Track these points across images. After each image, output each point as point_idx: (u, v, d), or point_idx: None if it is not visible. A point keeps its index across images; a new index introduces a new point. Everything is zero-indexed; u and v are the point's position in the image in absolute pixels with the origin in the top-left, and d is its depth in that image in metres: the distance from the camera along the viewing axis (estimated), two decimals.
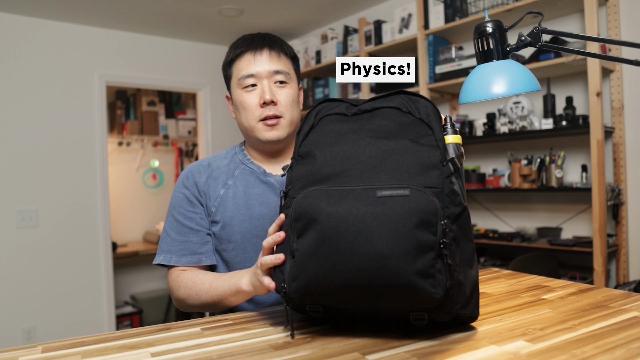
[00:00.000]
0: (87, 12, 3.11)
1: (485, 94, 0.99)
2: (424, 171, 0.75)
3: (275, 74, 1.08)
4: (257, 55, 1.08)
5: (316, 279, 0.70)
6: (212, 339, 0.78)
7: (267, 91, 1.06)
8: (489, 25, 1.00)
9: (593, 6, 1.97)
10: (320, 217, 0.70)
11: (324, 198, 0.72)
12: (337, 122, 0.83)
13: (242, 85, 1.08)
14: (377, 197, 0.69)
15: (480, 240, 2.40)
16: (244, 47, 1.09)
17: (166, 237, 1.13)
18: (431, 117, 0.80)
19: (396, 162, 0.75)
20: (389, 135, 0.79)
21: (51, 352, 0.74)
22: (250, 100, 1.07)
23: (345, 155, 0.78)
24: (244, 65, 1.08)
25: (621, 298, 0.93)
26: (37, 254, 3.12)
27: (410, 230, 0.67)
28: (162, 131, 4.60)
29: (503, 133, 2.30)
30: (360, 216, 0.68)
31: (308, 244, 0.70)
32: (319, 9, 3.23)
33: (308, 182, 0.79)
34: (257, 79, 1.07)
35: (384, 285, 0.67)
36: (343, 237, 0.68)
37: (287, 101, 1.08)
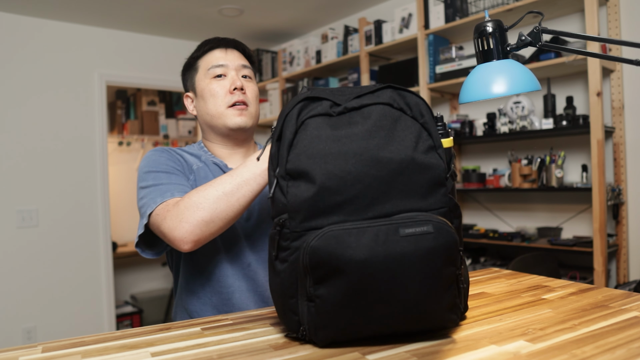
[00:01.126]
0: (87, 12, 3.11)
1: (485, 93, 0.99)
2: (432, 191, 0.71)
3: (242, 68, 1.14)
4: (229, 50, 1.15)
5: (348, 328, 0.67)
6: (212, 339, 0.78)
7: (238, 79, 1.11)
8: (489, 25, 1.00)
9: (593, 6, 1.97)
10: (348, 268, 0.63)
11: (346, 241, 0.64)
12: (327, 127, 0.71)
13: (212, 75, 1.12)
14: (401, 235, 0.64)
15: (480, 240, 2.40)
16: (213, 44, 1.16)
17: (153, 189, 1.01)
18: (425, 116, 0.73)
19: (405, 184, 0.69)
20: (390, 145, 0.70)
21: (51, 352, 0.74)
22: (220, 88, 1.11)
23: (350, 178, 0.68)
24: (215, 58, 1.14)
25: (621, 298, 0.93)
26: (37, 253, 3.12)
27: (439, 270, 0.65)
28: (162, 131, 4.60)
29: (503, 133, 2.30)
30: (390, 262, 0.63)
31: (334, 294, 0.65)
32: (319, 9, 3.23)
33: (312, 214, 0.68)
34: (226, 69, 1.13)
35: (419, 323, 0.68)
36: (375, 286, 0.64)
37: (253, 95, 1.14)
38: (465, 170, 2.60)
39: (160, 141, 4.66)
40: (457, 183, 2.61)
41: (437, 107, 2.91)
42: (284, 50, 3.57)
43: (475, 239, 2.42)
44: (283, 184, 0.70)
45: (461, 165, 2.79)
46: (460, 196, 2.80)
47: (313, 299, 0.66)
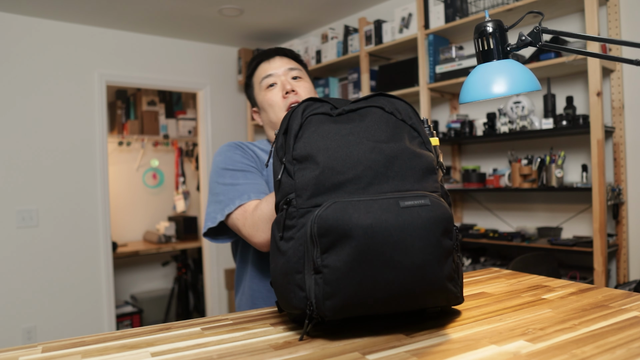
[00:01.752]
0: (87, 12, 3.11)
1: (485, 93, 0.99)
2: (424, 176, 0.77)
3: (289, 70, 1.22)
4: (270, 60, 1.23)
5: (355, 296, 0.69)
6: (212, 339, 0.78)
7: (287, 83, 1.19)
8: (489, 25, 1.00)
9: (593, 6, 1.97)
10: (355, 233, 0.67)
11: (352, 210, 0.68)
12: (329, 123, 0.78)
13: (264, 86, 1.21)
14: (402, 207, 0.70)
15: (481, 240, 2.40)
16: (258, 59, 1.24)
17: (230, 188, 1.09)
18: (413, 119, 0.82)
19: (401, 168, 0.76)
20: (386, 138, 0.78)
21: (51, 351, 0.74)
22: (274, 97, 1.19)
23: (351, 161, 0.74)
24: (262, 71, 1.23)
25: (621, 298, 0.93)
26: (37, 253, 3.12)
27: (437, 239, 0.70)
28: (162, 131, 4.60)
29: (503, 133, 2.30)
30: (394, 229, 0.68)
31: (342, 261, 0.67)
32: (319, 9, 3.23)
33: (317, 191, 0.73)
34: (275, 77, 1.21)
35: (422, 292, 0.71)
36: (381, 251, 0.67)
37: (306, 92, 1.20)
38: (465, 170, 2.60)
39: (160, 141, 4.66)
40: (457, 183, 2.61)
41: (437, 107, 2.91)
42: None
43: (475, 239, 2.42)
44: (290, 167, 0.76)
45: (461, 165, 2.79)
46: (460, 196, 2.80)
47: (321, 269, 0.69)
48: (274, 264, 0.78)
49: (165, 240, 4.30)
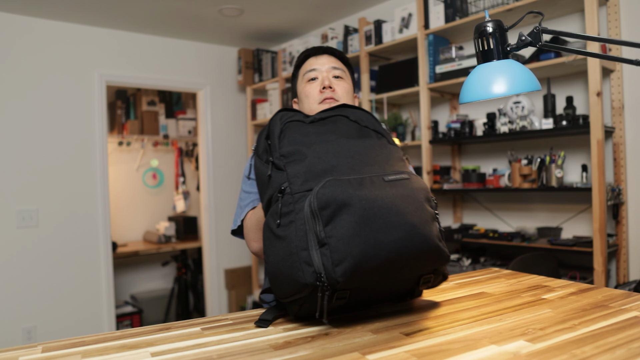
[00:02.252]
0: (87, 12, 3.11)
1: (485, 93, 0.99)
2: (397, 162, 0.90)
3: (332, 69, 1.28)
4: (319, 56, 1.30)
5: (363, 257, 0.74)
6: (212, 339, 0.78)
7: (326, 79, 1.25)
8: (489, 25, 1.00)
9: (593, 6, 1.97)
10: (352, 201, 0.76)
11: (346, 185, 0.78)
12: (307, 126, 0.91)
13: (307, 79, 1.28)
14: (386, 181, 0.81)
15: (480, 240, 2.40)
16: (308, 53, 1.31)
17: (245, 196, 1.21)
18: (375, 124, 0.95)
19: (377, 156, 0.88)
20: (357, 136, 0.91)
21: (51, 351, 0.74)
22: (312, 89, 1.26)
23: (334, 152, 0.86)
24: (308, 65, 1.29)
25: (621, 298, 0.93)
26: (37, 254, 3.12)
27: (422, 204, 0.82)
28: (162, 131, 4.60)
29: (503, 133, 2.30)
30: (386, 197, 0.78)
31: (345, 227, 0.74)
32: (319, 9, 3.23)
33: (309, 177, 0.82)
34: (317, 72, 1.27)
35: (420, 249, 0.78)
36: (379, 215, 0.76)
37: (343, 91, 1.26)
38: (465, 170, 2.60)
39: (160, 141, 4.66)
40: (457, 183, 2.61)
41: (437, 107, 2.91)
42: (284, 50, 3.57)
43: (475, 239, 2.42)
44: (279, 162, 0.86)
45: (461, 165, 2.79)
46: (460, 196, 2.80)
47: (326, 241, 0.75)
48: (273, 253, 0.82)
49: (165, 240, 4.30)
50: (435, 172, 2.65)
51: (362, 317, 0.88)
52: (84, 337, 0.81)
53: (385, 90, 2.86)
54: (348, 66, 1.33)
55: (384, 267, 0.77)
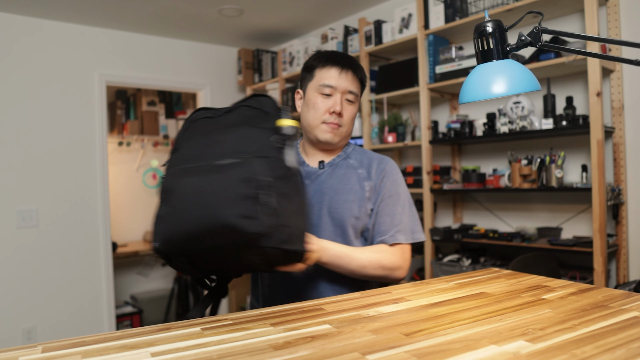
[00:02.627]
0: (87, 12, 3.11)
1: (485, 93, 0.99)
2: (260, 146, 0.98)
3: (349, 93, 1.28)
4: (343, 72, 1.27)
5: (170, 230, 0.94)
6: (212, 339, 0.78)
7: (339, 104, 1.26)
8: (489, 25, 1.00)
9: (593, 6, 1.97)
10: (175, 187, 0.96)
11: (177, 174, 0.99)
12: (203, 123, 1.09)
13: (321, 90, 1.27)
14: (214, 165, 0.95)
15: (480, 240, 2.40)
16: (333, 61, 1.28)
17: None
18: (270, 108, 1.06)
19: (237, 143, 0.99)
20: (235, 125, 1.05)
21: (51, 352, 0.74)
22: (322, 105, 1.27)
23: (202, 143, 1.02)
24: (328, 76, 1.27)
25: (621, 298, 0.93)
26: (37, 254, 3.12)
27: (236, 185, 0.91)
28: (162, 131, 4.60)
29: (503, 133, 2.30)
30: (199, 183, 0.94)
31: (167, 208, 0.96)
32: (319, 9, 3.23)
33: (172, 165, 1.02)
34: (334, 91, 1.26)
35: (210, 225, 0.90)
36: (187, 198, 0.93)
37: (349, 117, 1.29)
38: (465, 170, 2.60)
39: (160, 141, 4.66)
40: (457, 183, 2.61)
41: (437, 108, 2.91)
42: (284, 50, 3.57)
43: (475, 239, 2.42)
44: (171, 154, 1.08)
45: (461, 166, 2.79)
46: (460, 196, 2.80)
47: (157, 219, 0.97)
48: None
49: None
50: (435, 172, 2.66)
51: (362, 317, 0.88)
52: (84, 337, 0.81)
53: (385, 90, 2.86)
54: (362, 84, 1.33)
55: (190, 239, 0.93)
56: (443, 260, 2.54)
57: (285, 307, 0.98)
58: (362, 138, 3.01)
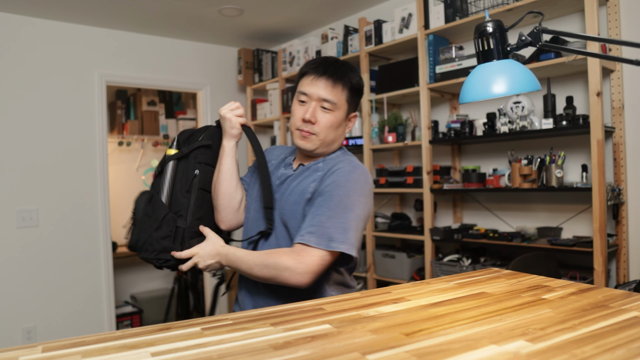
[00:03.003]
0: (87, 12, 3.11)
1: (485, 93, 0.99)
2: None
3: (323, 101, 1.25)
4: (320, 80, 1.25)
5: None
6: (212, 339, 0.78)
7: (310, 112, 1.25)
8: (489, 25, 1.00)
9: (593, 6, 1.97)
10: None
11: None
12: None
13: (298, 97, 1.28)
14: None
15: (481, 240, 2.40)
16: (309, 68, 1.28)
17: None
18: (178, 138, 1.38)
19: None
20: None
21: (51, 351, 0.74)
22: (298, 112, 1.27)
23: None
24: (304, 83, 1.28)
25: (621, 298, 0.93)
26: (37, 253, 3.12)
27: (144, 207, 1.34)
28: (162, 131, 4.60)
29: (503, 133, 2.30)
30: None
31: None
32: (319, 9, 3.23)
33: None
34: (308, 98, 1.26)
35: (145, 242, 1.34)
36: None
37: (325, 125, 1.26)
38: (465, 170, 2.60)
39: (160, 141, 4.66)
40: (457, 183, 2.61)
41: (437, 107, 2.91)
42: (284, 50, 3.57)
43: (475, 239, 2.42)
44: None
45: (461, 166, 2.79)
46: (460, 196, 2.80)
47: None
48: None
49: None
50: (435, 172, 2.65)
51: (362, 317, 0.88)
52: (84, 337, 0.81)
53: (385, 90, 2.86)
54: (351, 90, 1.28)
55: None
56: (443, 260, 2.54)
57: (285, 307, 0.98)
58: (362, 138, 3.01)
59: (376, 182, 2.95)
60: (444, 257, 2.58)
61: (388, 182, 2.87)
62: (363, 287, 3.21)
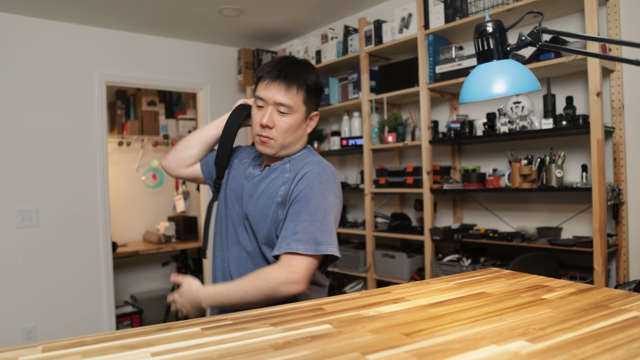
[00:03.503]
0: (87, 12, 3.11)
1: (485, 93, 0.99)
2: None
3: (279, 105, 1.23)
4: (270, 84, 1.23)
5: None
6: (212, 339, 0.78)
7: (267, 117, 1.23)
8: (489, 25, 1.00)
9: (593, 6, 1.97)
10: None
11: None
12: None
13: (256, 103, 1.27)
14: None
15: (480, 240, 2.40)
16: (264, 72, 1.26)
17: None
18: None
19: None
20: None
21: (51, 352, 0.74)
22: (256, 118, 1.27)
23: None
24: (260, 88, 1.26)
25: (621, 298, 0.93)
26: (37, 253, 3.12)
27: None
28: (162, 131, 4.60)
29: (503, 133, 2.30)
30: None
31: None
32: (319, 9, 3.23)
33: None
34: (264, 103, 1.25)
35: None
36: None
37: (283, 129, 1.25)
38: (465, 170, 2.60)
39: (160, 141, 4.66)
40: (457, 183, 2.61)
41: (437, 107, 2.91)
42: (284, 50, 3.57)
43: (475, 239, 2.42)
44: None
45: (461, 166, 2.79)
46: (460, 196, 2.80)
47: None
48: None
49: (165, 241, 4.30)
50: (435, 172, 2.65)
51: (362, 317, 0.88)
52: (84, 337, 0.81)
53: (385, 90, 2.86)
54: (308, 90, 1.26)
55: None
56: (443, 260, 2.54)
57: (285, 307, 0.98)
58: (362, 138, 3.01)
59: (376, 182, 2.95)
60: (444, 257, 2.58)
61: (388, 182, 2.87)
62: (363, 287, 3.21)
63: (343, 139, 3.16)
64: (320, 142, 3.52)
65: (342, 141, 3.17)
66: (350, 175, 3.53)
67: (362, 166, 3.23)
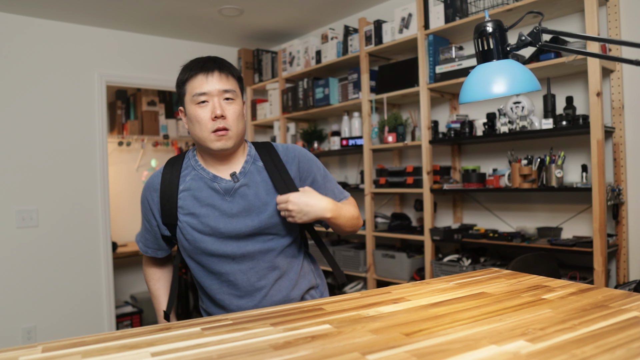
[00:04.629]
0: (87, 12, 3.11)
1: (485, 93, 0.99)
2: None
3: (224, 92, 1.22)
4: (209, 76, 1.22)
5: None
6: (212, 339, 0.78)
7: (218, 107, 1.20)
8: (489, 25, 1.00)
9: (593, 6, 1.97)
10: None
11: None
12: None
13: (196, 101, 1.22)
14: None
15: (480, 240, 2.40)
16: (197, 70, 1.23)
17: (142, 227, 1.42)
18: None
19: None
20: None
21: (51, 352, 0.74)
22: (203, 115, 1.21)
23: None
24: (197, 85, 1.22)
25: (621, 298, 0.93)
26: (37, 253, 3.12)
27: None
28: (162, 131, 4.60)
29: (503, 133, 2.30)
30: None
31: None
32: (319, 9, 3.23)
33: None
34: (208, 97, 1.21)
35: None
36: None
37: (234, 116, 1.23)
38: (465, 170, 2.60)
39: (160, 141, 4.66)
40: (457, 183, 2.61)
41: (437, 107, 2.91)
42: (284, 50, 3.57)
43: (475, 239, 2.42)
44: None
45: (461, 166, 2.79)
46: (460, 196, 2.80)
47: None
48: None
49: None
50: (435, 172, 2.66)
51: (362, 317, 0.88)
52: (84, 337, 0.81)
53: (385, 90, 2.86)
54: (239, 80, 1.29)
55: None
56: (443, 260, 2.54)
57: (285, 307, 0.98)
58: (362, 138, 3.01)
59: (376, 182, 2.95)
60: (444, 257, 2.58)
61: (388, 182, 2.87)
62: (363, 287, 3.21)
63: (343, 139, 3.16)
64: (320, 142, 3.52)
65: (342, 141, 3.17)
66: (350, 175, 3.53)
67: (362, 166, 3.23)
